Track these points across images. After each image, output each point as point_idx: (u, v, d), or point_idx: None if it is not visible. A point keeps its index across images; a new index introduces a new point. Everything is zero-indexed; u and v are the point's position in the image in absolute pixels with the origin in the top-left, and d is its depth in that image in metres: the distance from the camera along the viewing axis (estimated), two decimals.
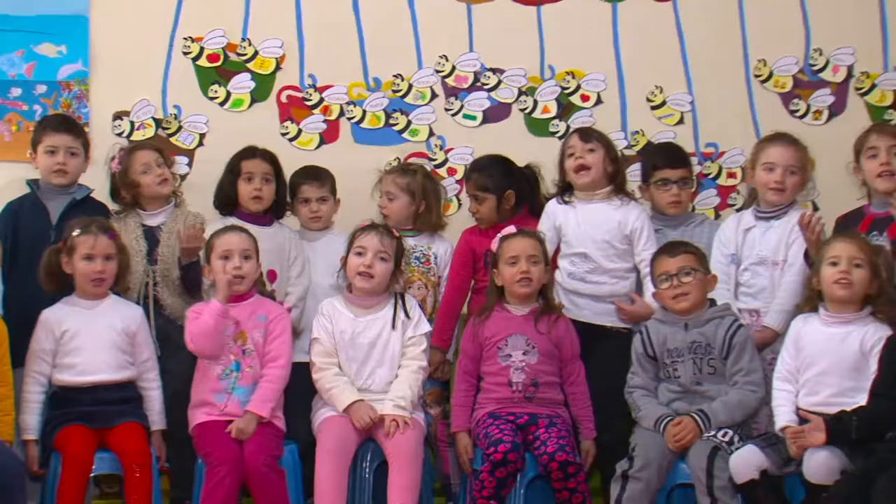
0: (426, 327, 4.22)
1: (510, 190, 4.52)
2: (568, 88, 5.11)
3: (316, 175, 4.60)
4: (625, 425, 4.07)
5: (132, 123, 4.92)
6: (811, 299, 3.92)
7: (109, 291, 4.16)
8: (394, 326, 4.17)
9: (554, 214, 4.44)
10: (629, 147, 5.08)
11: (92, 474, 3.91)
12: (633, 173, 5.02)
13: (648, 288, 4.27)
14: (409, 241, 4.52)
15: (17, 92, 4.83)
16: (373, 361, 4.15)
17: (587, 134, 4.47)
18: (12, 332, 4.19)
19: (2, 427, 3.87)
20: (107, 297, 4.14)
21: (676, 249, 4.07)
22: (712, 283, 4.08)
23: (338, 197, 4.64)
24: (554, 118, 5.11)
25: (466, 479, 4.16)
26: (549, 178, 4.63)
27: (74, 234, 4.08)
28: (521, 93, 5.11)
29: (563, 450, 3.90)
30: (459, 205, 4.99)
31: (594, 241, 4.37)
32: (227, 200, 4.53)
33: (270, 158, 4.53)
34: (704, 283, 4.04)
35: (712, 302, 4.08)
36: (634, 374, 4.09)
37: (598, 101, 5.12)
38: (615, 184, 4.43)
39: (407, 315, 4.19)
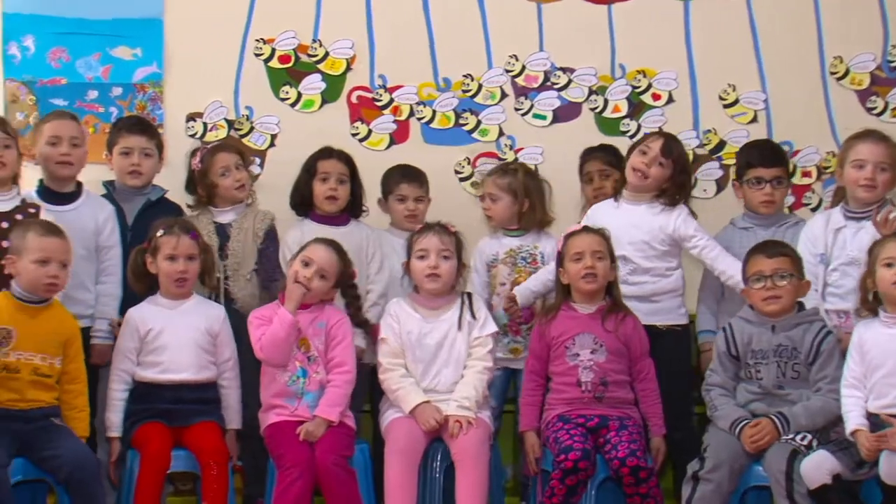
0: (492, 328, 4.20)
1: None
2: (639, 87, 5.08)
3: (416, 175, 4.62)
4: (691, 424, 4.05)
5: (205, 125, 4.98)
6: (865, 301, 3.83)
7: (193, 291, 4.19)
8: (460, 327, 4.17)
9: (592, 219, 4.41)
10: (701, 146, 5.06)
11: (167, 472, 3.94)
12: (705, 173, 5.01)
13: (727, 268, 4.25)
14: (515, 242, 4.51)
15: (93, 94, 4.91)
16: (439, 362, 4.15)
17: (670, 148, 4.37)
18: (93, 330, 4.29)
19: (78, 423, 3.91)
20: (190, 297, 4.18)
21: (774, 250, 3.99)
22: (805, 288, 4.01)
23: (429, 197, 4.65)
24: (625, 117, 5.08)
25: (536, 480, 4.14)
26: None
27: (158, 234, 4.13)
28: (591, 92, 5.09)
29: (633, 455, 3.86)
30: None
31: (631, 242, 4.33)
32: (302, 200, 4.55)
33: (346, 159, 4.55)
34: (798, 288, 3.97)
35: (800, 305, 4.01)
36: (714, 371, 4.04)
37: (670, 100, 5.08)
38: (663, 192, 4.37)
39: (473, 316, 4.19)
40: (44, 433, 3.79)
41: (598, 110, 5.09)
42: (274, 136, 5.02)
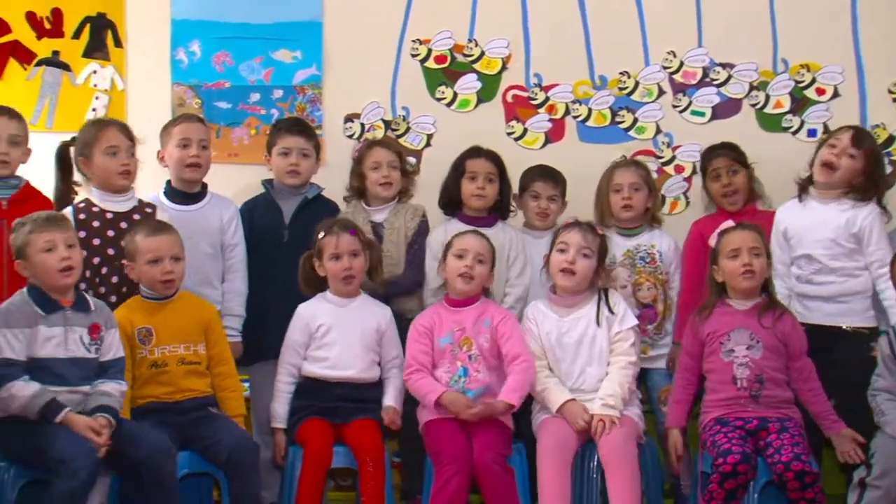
0: (632, 321, 4.16)
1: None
2: (802, 82, 4.95)
3: (552, 175, 4.61)
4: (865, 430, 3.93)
5: (362, 125, 5.04)
6: None
7: (360, 290, 4.24)
8: (598, 323, 4.13)
9: (782, 221, 4.34)
10: None
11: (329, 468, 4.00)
12: None
13: (886, 288, 4.11)
14: (631, 242, 4.48)
15: (255, 97, 5.02)
16: (581, 360, 4.12)
17: (861, 139, 4.31)
18: (246, 327, 4.40)
19: (233, 402, 4.02)
20: (358, 296, 4.24)
21: None
22: None
23: (565, 200, 4.63)
24: (787, 113, 4.96)
25: (696, 482, 4.07)
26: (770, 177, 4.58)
27: (320, 236, 4.20)
28: (752, 88, 4.98)
29: (798, 458, 3.76)
30: (687, 203, 4.89)
31: (818, 240, 4.26)
32: (450, 200, 4.59)
33: (494, 158, 4.57)
34: None
35: None
36: (880, 376, 3.93)
37: (835, 95, 4.94)
38: (853, 188, 4.29)
39: (611, 311, 4.14)
40: (202, 423, 3.91)
41: (758, 106, 4.98)
42: (430, 136, 5.05)
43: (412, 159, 4.93)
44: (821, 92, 4.94)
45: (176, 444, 3.81)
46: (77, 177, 4.26)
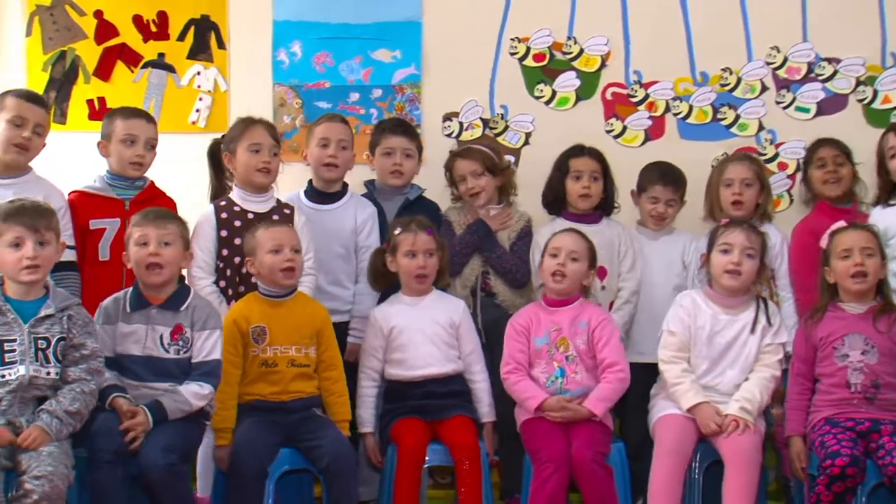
0: (784, 337, 4.07)
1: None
2: None
3: (672, 178, 4.54)
4: None
5: (461, 124, 5.05)
6: None
7: (432, 287, 4.24)
8: (753, 330, 4.06)
9: (877, 224, 4.22)
10: None
11: (425, 465, 4.00)
12: None
13: None
14: None
15: (355, 97, 5.07)
16: (726, 362, 4.05)
17: None
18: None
19: (339, 408, 4.03)
20: (429, 293, 4.23)
21: None
22: None
23: (684, 200, 4.57)
24: None
25: (801, 485, 3.98)
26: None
27: (396, 232, 4.21)
28: (858, 83, 4.88)
29: None
30: (791, 200, 4.80)
31: None
32: (555, 199, 4.56)
33: (598, 156, 4.53)
34: None
35: None
36: None
37: None
38: None
39: (769, 321, 4.07)
40: (307, 423, 3.93)
41: (866, 101, 4.88)
42: (528, 135, 5.04)
43: (509, 158, 4.91)
44: None
45: (278, 442, 3.86)
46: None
